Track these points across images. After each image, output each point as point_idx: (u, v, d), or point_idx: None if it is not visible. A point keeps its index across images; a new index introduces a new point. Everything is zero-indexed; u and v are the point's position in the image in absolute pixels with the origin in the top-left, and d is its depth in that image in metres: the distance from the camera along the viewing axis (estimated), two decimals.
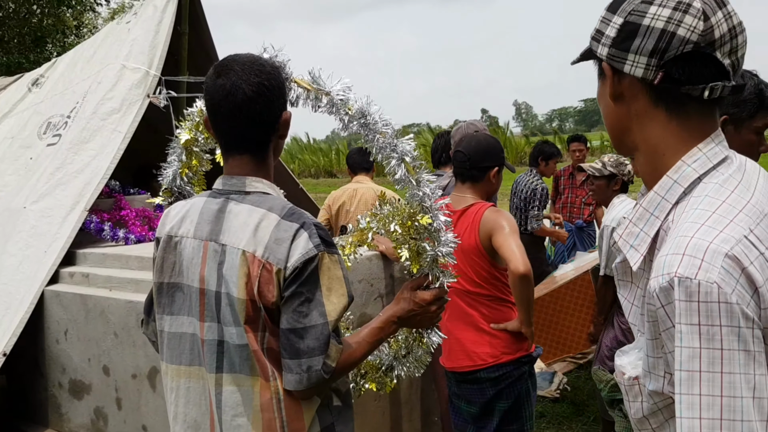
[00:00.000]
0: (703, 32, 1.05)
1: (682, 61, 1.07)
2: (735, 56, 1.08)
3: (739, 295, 0.97)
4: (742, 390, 0.95)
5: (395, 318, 1.88)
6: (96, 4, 16.60)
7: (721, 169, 1.11)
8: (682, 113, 1.12)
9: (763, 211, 1.05)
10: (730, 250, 0.99)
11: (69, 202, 3.96)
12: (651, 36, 1.08)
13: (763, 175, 1.15)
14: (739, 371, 0.96)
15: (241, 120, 1.67)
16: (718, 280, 0.97)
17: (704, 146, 1.12)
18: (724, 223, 1.02)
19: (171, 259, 1.75)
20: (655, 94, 1.13)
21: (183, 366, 1.74)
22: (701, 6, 1.06)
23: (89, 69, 4.86)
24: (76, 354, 3.57)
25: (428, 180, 1.92)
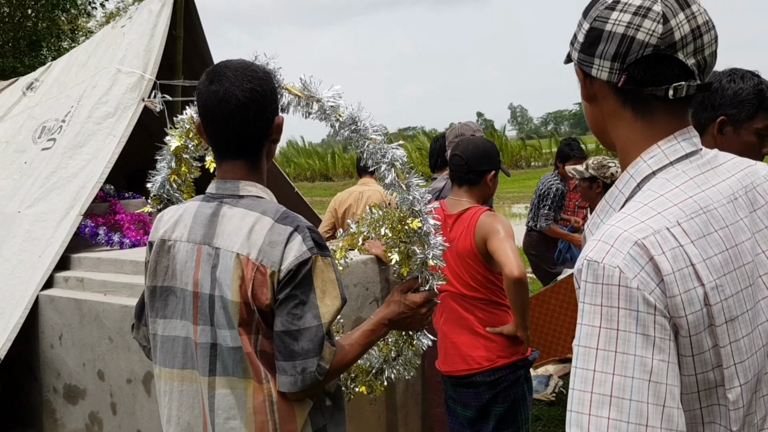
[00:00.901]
0: (662, 35, 1.09)
1: (644, 64, 1.11)
2: (701, 55, 1.11)
3: (641, 281, 1.00)
4: (634, 371, 0.99)
5: (386, 320, 1.91)
6: (91, 8, 16.59)
7: (679, 165, 1.14)
8: (647, 113, 1.16)
9: (707, 207, 1.08)
10: (642, 239, 1.02)
11: (63, 206, 3.95)
12: (613, 41, 1.12)
13: (743, 175, 1.16)
14: (634, 353, 0.99)
15: (235, 125, 1.68)
16: (621, 265, 1.01)
17: (664, 143, 1.15)
18: (650, 214, 1.06)
19: (164, 263, 1.76)
20: (621, 95, 1.16)
21: (176, 369, 1.74)
22: (661, 9, 1.09)
23: (84, 73, 4.86)
24: (70, 359, 3.56)
25: (418, 184, 1.95)
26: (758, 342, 1.08)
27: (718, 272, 1.04)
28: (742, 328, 1.05)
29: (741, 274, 1.07)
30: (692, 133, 1.16)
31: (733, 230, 1.09)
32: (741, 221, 1.10)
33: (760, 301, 1.09)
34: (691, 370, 1.03)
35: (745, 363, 1.05)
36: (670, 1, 1.10)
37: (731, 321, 1.04)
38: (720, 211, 1.09)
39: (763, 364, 1.09)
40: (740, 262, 1.07)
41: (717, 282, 1.04)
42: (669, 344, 1.00)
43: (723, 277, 1.05)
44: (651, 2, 1.10)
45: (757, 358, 1.07)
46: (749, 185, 1.15)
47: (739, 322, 1.05)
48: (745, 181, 1.15)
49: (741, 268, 1.07)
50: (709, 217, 1.08)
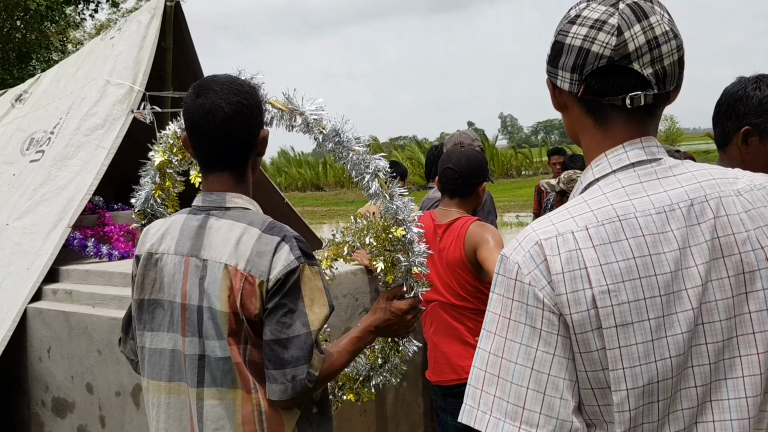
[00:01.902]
0: (615, 47, 1.12)
1: (600, 75, 1.15)
2: (659, 65, 1.13)
3: (533, 277, 1.10)
4: (518, 357, 1.09)
5: (372, 327, 1.95)
6: (81, 18, 16.58)
7: (620, 174, 1.17)
8: (606, 122, 1.19)
9: (625, 216, 1.11)
10: (544, 240, 1.11)
11: (52, 218, 3.93)
12: (571, 53, 1.16)
13: (696, 187, 1.15)
14: (521, 341, 1.09)
15: (221, 137, 1.71)
16: (520, 262, 1.12)
17: (611, 152, 1.19)
18: (564, 218, 1.14)
19: (152, 276, 1.77)
20: (584, 105, 1.20)
21: (163, 382, 1.75)
22: (617, 22, 1.13)
23: (73, 85, 4.85)
24: (59, 372, 3.54)
25: (401, 194, 1.99)
26: (663, 352, 1.08)
27: (616, 278, 1.08)
28: (637, 335, 1.07)
29: (648, 283, 1.08)
30: (647, 143, 1.18)
31: (650, 240, 1.10)
32: (670, 233, 1.11)
33: (678, 314, 1.09)
34: (581, 366, 1.09)
35: (636, 369, 1.07)
36: (626, 13, 1.13)
37: (623, 326, 1.07)
38: (640, 221, 1.11)
39: (669, 375, 1.09)
40: (650, 272, 1.09)
41: (610, 287, 1.07)
42: (556, 338, 1.08)
43: (620, 284, 1.07)
44: (607, 15, 1.14)
45: (656, 367, 1.08)
46: (699, 198, 1.14)
47: (634, 329, 1.07)
48: (695, 193, 1.15)
49: (650, 278, 1.08)
50: (624, 225, 1.10)
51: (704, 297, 1.10)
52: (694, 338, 1.10)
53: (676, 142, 35.18)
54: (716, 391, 1.11)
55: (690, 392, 1.11)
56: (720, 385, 1.11)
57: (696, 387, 1.11)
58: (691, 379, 1.11)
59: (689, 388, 1.11)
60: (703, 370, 1.11)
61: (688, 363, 1.11)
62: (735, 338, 1.11)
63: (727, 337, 1.11)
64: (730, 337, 1.11)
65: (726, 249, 1.12)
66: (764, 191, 1.17)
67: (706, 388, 1.11)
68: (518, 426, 1.08)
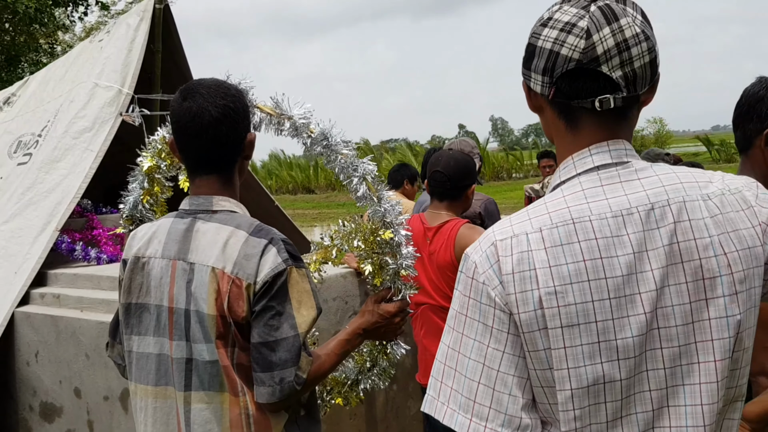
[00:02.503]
0: (584, 50, 1.12)
1: (569, 78, 1.15)
2: (629, 68, 1.13)
3: (487, 277, 1.13)
4: (471, 352, 1.14)
5: (360, 330, 1.95)
6: (70, 21, 16.50)
7: (584, 177, 1.17)
8: (576, 125, 1.20)
9: (580, 219, 1.12)
10: (499, 240, 1.14)
11: (40, 222, 3.91)
12: (542, 56, 1.17)
13: (659, 191, 1.14)
14: (474, 338, 1.14)
15: (208, 141, 1.70)
16: (477, 261, 1.16)
17: (577, 155, 1.19)
18: (522, 219, 1.16)
19: (139, 279, 1.76)
20: (556, 107, 1.21)
21: (150, 386, 1.75)
22: (586, 25, 1.13)
23: (61, 87, 4.83)
24: (47, 376, 3.51)
25: (388, 197, 2.00)
26: (611, 355, 1.08)
27: (564, 280, 1.09)
28: (582, 336, 1.08)
29: (597, 286, 1.09)
30: (614, 146, 1.18)
31: (603, 243, 1.10)
32: (625, 236, 1.10)
33: (630, 317, 1.09)
34: (531, 365, 1.11)
35: (581, 370, 1.08)
36: (596, 16, 1.13)
37: (569, 327, 1.08)
38: (594, 224, 1.11)
39: (617, 378, 1.09)
40: (601, 275, 1.09)
41: (557, 288, 1.08)
42: (506, 336, 1.11)
43: (568, 285, 1.08)
44: (578, 18, 1.14)
45: (602, 369, 1.08)
46: (661, 202, 1.13)
47: (580, 330, 1.08)
48: (657, 197, 1.13)
49: (599, 281, 1.09)
50: (578, 228, 1.11)
51: (660, 302, 1.10)
52: (648, 342, 1.10)
53: (666, 144, 35.36)
54: (674, 396, 1.11)
55: (644, 396, 1.11)
56: (678, 391, 1.11)
57: (650, 391, 1.11)
58: (646, 383, 1.11)
59: (644, 392, 1.11)
60: (658, 375, 1.11)
61: (643, 367, 1.10)
62: (693, 344, 1.10)
63: (684, 343, 1.10)
64: (688, 343, 1.10)
65: (685, 254, 1.10)
66: (739, 196, 1.15)
67: (662, 393, 1.11)
68: (470, 418, 1.13)
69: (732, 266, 1.10)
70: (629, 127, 1.22)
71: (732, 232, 1.12)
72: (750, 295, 1.12)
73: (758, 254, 1.12)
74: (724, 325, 1.10)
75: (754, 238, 1.12)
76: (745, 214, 1.14)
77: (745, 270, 1.11)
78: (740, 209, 1.14)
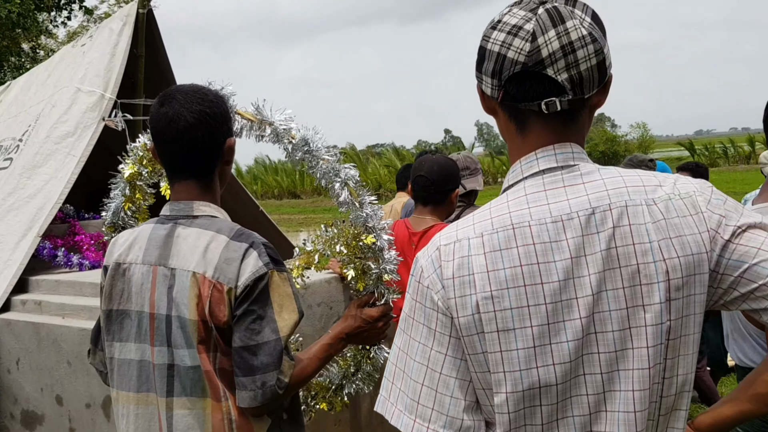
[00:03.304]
0: (529, 53, 1.12)
1: (516, 81, 1.15)
2: (575, 70, 1.12)
3: (431, 281, 1.16)
4: (415, 354, 1.16)
5: (343, 335, 1.95)
6: (53, 26, 16.40)
7: (529, 181, 1.18)
8: (525, 127, 1.20)
9: (519, 224, 1.12)
10: (443, 245, 1.17)
11: (21, 227, 3.87)
12: (491, 59, 1.17)
13: (601, 195, 1.13)
14: (419, 340, 1.16)
15: (183, 146, 1.71)
16: (423, 265, 1.18)
17: (524, 159, 1.20)
18: (466, 224, 1.18)
19: (119, 286, 1.76)
20: (506, 110, 1.21)
21: (132, 393, 1.74)
22: (532, 27, 1.12)
23: (43, 92, 4.79)
24: (28, 384, 3.48)
25: (370, 202, 2.01)
26: (546, 359, 1.09)
27: (500, 285, 1.09)
28: (518, 340, 1.08)
29: (533, 291, 1.09)
30: (560, 150, 1.17)
31: (540, 249, 1.10)
32: (564, 242, 1.10)
33: (566, 322, 1.09)
34: (472, 367, 1.12)
35: (516, 374, 1.09)
36: (543, 19, 1.12)
37: (504, 331, 1.09)
38: (533, 229, 1.11)
39: (552, 382, 1.09)
40: (537, 280, 1.09)
41: (494, 293, 1.09)
42: (449, 339, 1.12)
43: (504, 290, 1.09)
44: (524, 21, 1.13)
45: (538, 373, 1.09)
46: (602, 206, 1.12)
47: (515, 335, 1.08)
48: (599, 201, 1.12)
49: (535, 286, 1.09)
50: (517, 233, 1.11)
51: (598, 306, 1.09)
52: (585, 346, 1.10)
53: (650, 149, 35.56)
54: (610, 401, 1.11)
55: (581, 400, 1.11)
56: (613, 396, 1.10)
57: (588, 395, 1.11)
58: (583, 387, 1.11)
59: (581, 395, 1.11)
60: (595, 379, 1.10)
61: (580, 371, 1.10)
62: (630, 350, 1.09)
63: (620, 348, 1.10)
64: (624, 349, 1.10)
65: (623, 259, 1.09)
66: (689, 200, 1.13)
67: (599, 398, 1.11)
68: (414, 419, 1.15)
69: (670, 273, 1.09)
70: (579, 129, 1.21)
71: (675, 238, 1.10)
72: (688, 303, 1.10)
73: (702, 261, 1.10)
74: (658, 332, 1.09)
75: (700, 245, 1.10)
76: (692, 220, 1.12)
77: (684, 277, 1.09)
78: (687, 214, 1.12)
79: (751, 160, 29.99)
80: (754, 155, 30.03)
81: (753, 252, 1.10)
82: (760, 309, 1.11)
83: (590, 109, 1.21)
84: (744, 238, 1.11)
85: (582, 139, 1.22)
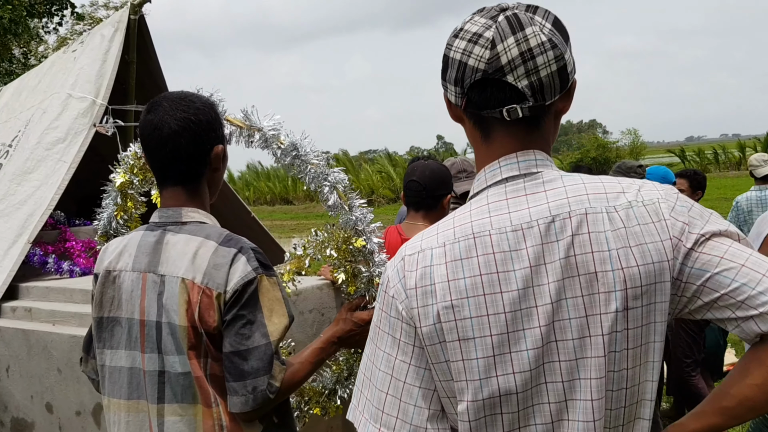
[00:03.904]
0: (489, 60, 1.12)
1: (478, 88, 1.15)
2: (535, 77, 1.12)
3: (396, 291, 1.16)
4: (381, 363, 1.17)
5: (335, 338, 1.97)
6: (44, 32, 16.36)
7: (492, 189, 1.18)
8: (489, 135, 1.20)
9: (480, 233, 1.12)
10: (408, 255, 1.18)
11: (11, 234, 3.86)
12: (453, 67, 1.17)
13: (561, 203, 1.12)
14: (384, 349, 1.17)
15: (168, 153, 1.72)
16: (389, 275, 1.20)
17: (488, 168, 1.20)
18: (431, 234, 1.19)
19: (110, 293, 1.76)
20: (472, 118, 1.21)
21: (123, 400, 1.74)
22: (492, 35, 1.12)
23: (34, 98, 4.77)
24: (18, 391, 3.45)
25: (360, 205, 2.03)
26: (506, 368, 1.08)
27: (461, 294, 1.09)
28: (478, 349, 1.08)
29: (492, 300, 1.09)
30: (522, 157, 1.17)
31: (500, 258, 1.10)
32: (523, 250, 1.10)
33: (525, 330, 1.08)
34: (436, 376, 1.13)
35: (476, 383, 1.09)
36: (502, 26, 1.12)
37: (465, 340, 1.09)
38: (494, 238, 1.11)
39: (513, 390, 1.08)
40: (496, 289, 1.09)
41: (454, 302, 1.09)
42: (413, 349, 1.13)
43: (464, 299, 1.09)
44: (484, 29, 1.14)
45: (497, 381, 1.08)
46: (562, 214, 1.11)
47: (475, 344, 1.08)
48: (559, 209, 1.11)
49: (494, 295, 1.09)
50: (478, 242, 1.12)
51: (557, 315, 1.08)
52: (546, 355, 1.09)
53: (641, 155, 35.69)
54: (572, 410, 1.10)
55: (543, 408, 1.10)
56: (574, 405, 1.10)
57: (549, 403, 1.10)
58: (545, 395, 1.10)
59: (542, 404, 1.10)
60: (557, 387, 1.10)
61: (542, 379, 1.10)
62: (588, 359, 1.09)
63: (579, 357, 1.09)
64: (583, 357, 1.09)
65: (581, 267, 1.08)
66: (652, 208, 1.12)
67: (560, 406, 1.10)
68: (378, 428, 1.16)
69: (628, 282, 1.07)
70: (543, 136, 1.20)
71: (635, 246, 1.08)
72: (649, 311, 1.09)
73: (664, 269, 1.09)
74: (613, 341, 1.08)
75: (661, 253, 1.09)
76: (655, 227, 1.10)
77: (644, 286, 1.08)
78: (650, 222, 1.10)
79: (742, 166, 30.16)
80: (744, 161, 30.20)
81: (715, 261, 1.09)
82: (724, 318, 1.10)
83: (554, 116, 1.21)
84: (707, 246, 1.10)
85: (547, 146, 1.21)
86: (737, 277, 1.07)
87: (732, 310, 1.08)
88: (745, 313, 1.07)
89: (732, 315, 1.08)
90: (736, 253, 1.09)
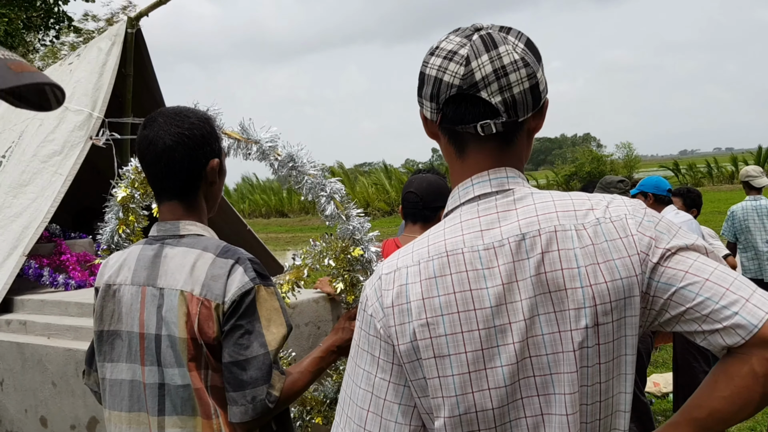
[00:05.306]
0: (463, 76, 1.15)
1: (453, 103, 1.17)
2: (508, 93, 1.15)
3: (374, 309, 1.17)
4: (361, 381, 1.17)
5: (334, 347, 1.97)
6: (41, 44, 16.38)
7: (465, 207, 1.20)
8: (464, 152, 1.22)
9: (453, 251, 1.14)
10: (385, 274, 1.19)
11: (6, 247, 3.85)
12: (429, 83, 1.19)
13: (531, 221, 1.14)
14: (363, 367, 1.17)
15: (162, 167, 1.75)
16: (368, 293, 1.20)
17: (461, 185, 1.22)
18: (406, 252, 1.19)
19: (110, 307, 1.77)
20: (447, 133, 1.23)
21: (124, 413, 1.74)
22: (466, 53, 1.15)
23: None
24: (12, 405, 3.43)
25: (357, 214, 2.04)
26: (481, 384, 1.09)
27: (435, 312, 1.10)
28: (453, 366, 1.09)
29: (467, 318, 1.10)
30: (494, 175, 1.19)
31: (473, 275, 1.11)
32: (496, 268, 1.11)
33: (500, 347, 1.09)
34: (414, 393, 1.13)
35: (453, 399, 1.09)
36: (477, 44, 1.15)
37: (440, 357, 1.10)
38: (466, 257, 1.13)
39: (489, 406, 1.09)
40: (470, 306, 1.10)
41: (429, 320, 1.10)
42: (391, 366, 1.14)
43: (439, 317, 1.10)
44: (459, 47, 1.17)
45: (473, 398, 1.09)
46: (532, 232, 1.12)
47: (450, 361, 1.09)
48: (529, 227, 1.13)
49: (468, 312, 1.10)
50: (451, 260, 1.13)
51: (531, 331, 1.10)
52: (522, 371, 1.10)
53: (634, 169, 35.82)
54: (548, 425, 1.11)
55: (521, 423, 1.11)
56: (550, 420, 1.11)
57: (526, 418, 1.11)
58: (521, 410, 1.11)
59: (519, 419, 1.11)
60: (533, 402, 1.11)
61: (518, 395, 1.11)
62: (562, 374, 1.10)
63: (554, 372, 1.10)
64: (557, 372, 1.10)
65: (552, 284, 1.10)
66: (619, 224, 1.13)
67: (537, 420, 1.11)
68: None
69: (597, 298, 1.09)
70: (516, 154, 1.22)
71: (603, 263, 1.10)
72: (620, 326, 1.11)
73: (632, 284, 1.10)
74: (585, 356, 1.09)
75: (629, 268, 1.10)
76: (622, 243, 1.11)
77: (613, 302, 1.09)
78: (617, 237, 1.12)
79: (735, 180, 30.29)
80: (737, 175, 30.35)
81: (680, 275, 1.10)
82: (692, 331, 1.11)
83: (527, 134, 1.24)
84: (673, 260, 1.11)
85: (520, 163, 1.24)
86: (701, 291, 1.09)
87: (698, 324, 1.10)
88: (711, 327, 1.08)
89: (699, 328, 1.10)
90: (701, 267, 1.11)
